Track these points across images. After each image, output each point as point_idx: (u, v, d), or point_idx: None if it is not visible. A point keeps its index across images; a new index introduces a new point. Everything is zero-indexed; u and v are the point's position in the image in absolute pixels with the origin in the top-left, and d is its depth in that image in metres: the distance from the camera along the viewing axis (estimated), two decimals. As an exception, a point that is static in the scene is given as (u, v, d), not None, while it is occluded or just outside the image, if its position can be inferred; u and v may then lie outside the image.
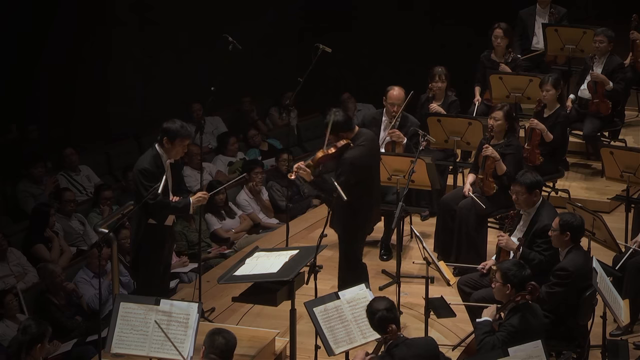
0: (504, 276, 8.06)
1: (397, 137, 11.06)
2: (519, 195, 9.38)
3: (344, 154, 9.54)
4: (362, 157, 9.58)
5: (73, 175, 13.54)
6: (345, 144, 9.56)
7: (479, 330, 7.96)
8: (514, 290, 8.02)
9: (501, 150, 10.66)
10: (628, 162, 10.86)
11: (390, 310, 7.61)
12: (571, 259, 8.72)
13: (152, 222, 9.22)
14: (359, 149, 9.59)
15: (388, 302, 7.69)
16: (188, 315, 8.14)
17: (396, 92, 11.13)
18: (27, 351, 7.12)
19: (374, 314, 7.63)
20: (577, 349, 8.78)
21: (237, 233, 12.94)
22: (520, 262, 8.30)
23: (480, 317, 8.13)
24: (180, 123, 9.25)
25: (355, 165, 9.50)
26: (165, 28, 15.47)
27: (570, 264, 8.67)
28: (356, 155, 9.54)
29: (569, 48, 13.18)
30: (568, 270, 8.64)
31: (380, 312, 7.59)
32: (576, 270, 8.62)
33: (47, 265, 11.01)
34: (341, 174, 9.46)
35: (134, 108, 15.38)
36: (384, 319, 7.58)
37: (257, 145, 15.36)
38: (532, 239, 9.23)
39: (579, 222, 8.81)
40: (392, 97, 11.13)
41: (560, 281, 8.64)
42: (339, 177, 9.43)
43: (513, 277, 8.03)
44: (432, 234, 11.19)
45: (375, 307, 7.64)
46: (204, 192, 9.41)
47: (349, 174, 9.45)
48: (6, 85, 14.06)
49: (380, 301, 7.70)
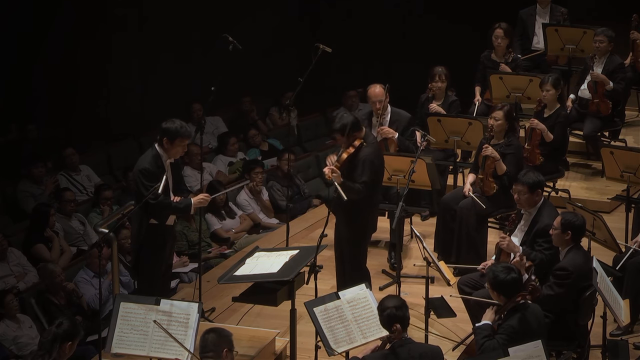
0: (490, 284, 8.06)
1: (386, 134, 11.06)
2: (520, 195, 9.38)
3: (359, 154, 9.57)
4: (376, 155, 9.67)
5: (73, 175, 13.54)
6: (360, 143, 9.60)
7: (478, 334, 7.94)
8: (503, 296, 8.00)
9: (501, 150, 10.66)
10: (628, 162, 10.86)
11: (399, 309, 7.62)
12: (571, 258, 8.71)
13: (154, 223, 9.22)
14: (372, 146, 9.67)
15: (399, 300, 7.72)
16: (188, 315, 8.14)
17: (375, 89, 11.12)
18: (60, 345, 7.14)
19: (383, 310, 7.67)
20: (577, 349, 8.78)
21: (238, 233, 12.94)
22: (509, 266, 8.19)
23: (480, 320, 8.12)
24: (179, 123, 9.24)
25: (374, 163, 9.59)
26: (165, 28, 15.46)
27: (570, 264, 8.66)
28: (372, 153, 9.62)
29: (569, 48, 13.18)
30: (568, 270, 8.63)
31: (390, 309, 7.62)
32: (576, 270, 8.62)
33: (47, 265, 11.01)
34: (362, 173, 9.49)
35: (134, 108, 15.37)
36: (392, 317, 7.60)
37: (257, 145, 15.36)
38: (534, 239, 9.23)
39: (580, 222, 8.80)
40: (372, 95, 11.14)
41: (560, 281, 8.63)
42: (361, 177, 9.47)
43: (497, 286, 7.99)
44: (432, 234, 11.19)
45: (386, 304, 7.68)
46: (205, 195, 9.42)
47: (370, 172, 9.51)
48: (6, 85, 14.07)
49: (392, 299, 7.74)
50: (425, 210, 11.79)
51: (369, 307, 8.27)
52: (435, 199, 11.63)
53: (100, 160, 14.59)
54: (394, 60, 16.74)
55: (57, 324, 7.19)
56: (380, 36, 17.27)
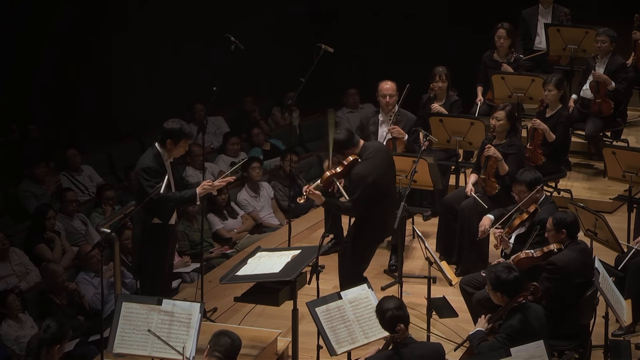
0: (492, 284, 8.06)
1: (397, 134, 11.05)
2: (521, 195, 9.43)
3: (353, 170, 9.46)
4: (372, 170, 9.48)
5: (75, 175, 13.55)
6: (353, 159, 9.48)
7: (474, 341, 7.95)
8: (505, 296, 8.01)
9: (503, 150, 10.66)
10: (630, 162, 10.86)
11: (400, 309, 7.60)
12: (564, 254, 8.75)
13: (156, 223, 9.21)
14: (366, 162, 9.51)
15: (397, 301, 7.70)
16: (190, 315, 8.14)
17: (387, 84, 11.12)
18: (47, 350, 7.13)
19: (384, 313, 7.61)
20: (579, 349, 8.79)
21: (239, 233, 12.95)
22: (509, 265, 8.24)
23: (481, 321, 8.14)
24: (180, 123, 9.23)
25: (366, 180, 9.41)
26: (167, 27, 15.46)
27: (560, 259, 8.69)
28: (365, 169, 9.46)
29: (571, 48, 13.17)
30: (556, 264, 8.66)
31: (391, 311, 7.58)
32: (565, 266, 8.63)
33: (49, 265, 11.02)
34: (354, 190, 9.40)
35: (136, 107, 15.37)
36: (395, 318, 7.56)
37: (260, 144, 15.36)
38: (529, 232, 9.26)
39: (571, 218, 8.88)
40: (383, 88, 11.13)
41: (549, 275, 8.66)
42: (353, 193, 9.37)
43: (499, 285, 8.00)
44: (434, 234, 11.18)
45: (385, 307, 7.62)
46: (207, 181, 9.33)
47: (362, 189, 9.38)
48: (7, 86, 14.07)
49: (389, 300, 7.69)
50: (427, 210, 11.79)
51: (370, 307, 8.26)
52: (437, 199, 11.63)
53: (101, 160, 14.59)
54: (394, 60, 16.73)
55: (44, 328, 7.18)
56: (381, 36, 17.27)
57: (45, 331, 7.14)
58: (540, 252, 8.89)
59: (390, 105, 11.09)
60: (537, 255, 8.88)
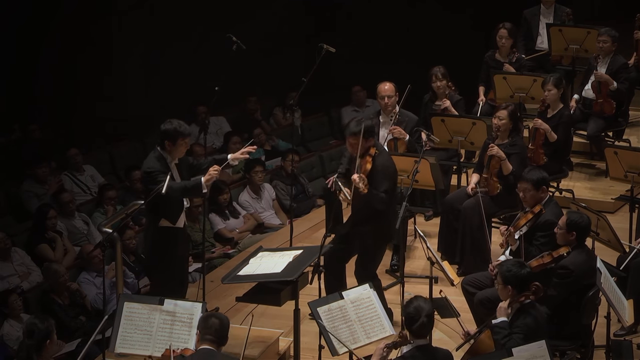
0: (503, 278, 8.04)
1: (399, 134, 11.04)
2: (526, 193, 9.38)
3: (375, 163, 9.38)
4: (391, 161, 9.52)
5: (77, 175, 13.55)
6: (374, 152, 9.44)
7: (499, 334, 7.85)
8: (515, 290, 8.01)
9: (506, 149, 10.66)
10: (632, 162, 10.86)
11: (430, 317, 7.40)
12: (573, 257, 8.72)
13: (165, 226, 9.20)
14: (385, 153, 9.55)
15: (431, 308, 7.48)
16: (192, 315, 8.14)
17: (385, 85, 11.11)
18: (37, 352, 7.12)
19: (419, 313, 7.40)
20: (581, 349, 8.77)
21: (241, 233, 12.95)
22: (520, 261, 8.28)
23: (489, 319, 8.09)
24: (176, 122, 9.22)
25: (390, 170, 9.43)
26: (169, 27, 15.47)
27: (571, 262, 8.67)
28: (386, 159, 9.46)
29: (573, 48, 13.17)
30: (569, 268, 8.64)
31: (422, 318, 7.38)
32: (577, 269, 8.62)
33: (51, 265, 11.02)
34: (382, 183, 9.29)
35: (137, 107, 15.38)
36: (424, 325, 7.38)
37: (262, 144, 15.36)
38: (533, 232, 9.24)
39: (586, 223, 8.81)
40: (382, 90, 11.11)
41: (561, 280, 8.63)
42: (382, 186, 9.28)
43: (513, 278, 8.00)
44: (436, 234, 11.18)
45: (421, 307, 7.42)
46: (213, 168, 9.21)
47: (389, 180, 9.37)
48: (7, 86, 14.07)
49: (426, 304, 7.48)
50: (428, 210, 11.79)
51: (372, 307, 8.25)
52: (438, 199, 11.62)
53: (103, 160, 14.60)
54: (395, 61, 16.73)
55: (28, 334, 7.16)
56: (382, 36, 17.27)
57: (30, 338, 7.11)
58: (549, 257, 8.86)
59: (390, 107, 11.08)
60: (547, 261, 8.86)
